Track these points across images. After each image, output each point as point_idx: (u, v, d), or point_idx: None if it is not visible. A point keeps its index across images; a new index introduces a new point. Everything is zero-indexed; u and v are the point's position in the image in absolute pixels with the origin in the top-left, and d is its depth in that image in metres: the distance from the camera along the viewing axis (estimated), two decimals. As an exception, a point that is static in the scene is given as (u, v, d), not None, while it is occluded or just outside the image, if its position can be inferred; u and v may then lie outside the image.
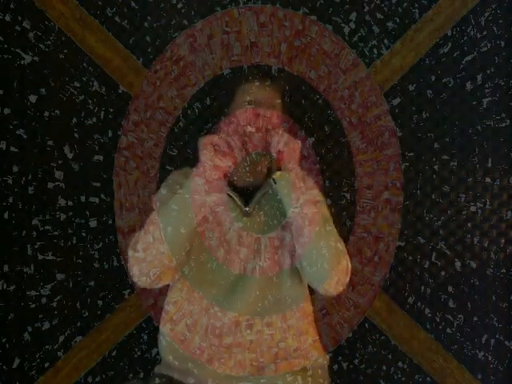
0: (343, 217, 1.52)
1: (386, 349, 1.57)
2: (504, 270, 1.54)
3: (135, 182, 1.51)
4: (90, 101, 1.50)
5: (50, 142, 1.50)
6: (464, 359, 1.56)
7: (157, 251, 1.00)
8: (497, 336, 1.55)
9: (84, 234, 1.52)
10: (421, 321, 1.56)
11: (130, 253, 1.03)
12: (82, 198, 1.51)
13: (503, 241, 1.54)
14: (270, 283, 1.09)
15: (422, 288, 1.55)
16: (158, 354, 1.48)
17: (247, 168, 1.09)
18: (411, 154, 1.53)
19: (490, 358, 1.56)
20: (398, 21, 1.50)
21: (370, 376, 1.57)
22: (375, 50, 1.51)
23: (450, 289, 1.55)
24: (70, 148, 1.50)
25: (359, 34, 1.50)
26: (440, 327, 1.56)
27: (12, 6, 1.46)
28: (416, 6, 1.49)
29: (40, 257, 1.51)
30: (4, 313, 1.51)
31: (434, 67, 1.51)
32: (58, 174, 1.50)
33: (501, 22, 1.49)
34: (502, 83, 1.50)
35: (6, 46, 1.47)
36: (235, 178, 1.12)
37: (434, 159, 1.53)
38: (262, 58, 1.50)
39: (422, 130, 1.52)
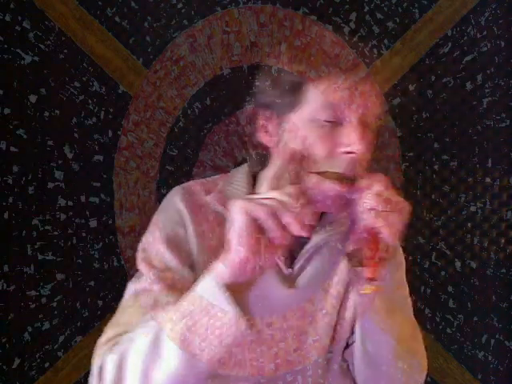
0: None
1: (386, 349, 1.57)
2: (504, 270, 1.54)
3: (135, 182, 1.51)
4: (89, 101, 1.50)
5: (50, 142, 1.50)
6: (464, 359, 1.56)
7: None
8: (497, 336, 1.55)
9: (84, 234, 1.52)
10: (421, 321, 1.55)
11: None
12: (82, 198, 1.51)
13: (503, 241, 1.54)
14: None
15: (422, 288, 1.55)
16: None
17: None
18: (411, 154, 1.53)
19: (490, 358, 1.55)
20: (397, 21, 1.50)
21: (370, 376, 1.57)
22: (375, 50, 1.51)
23: (449, 289, 1.55)
24: (70, 148, 1.50)
25: (359, 34, 1.50)
26: (440, 327, 1.56)
27: (12, 6, 1.46)
28: (416, 5, 1.49)
29: (40, 257, 1.51)
30: (4, 313, 1.51)
31: (433, 67, 1.51)
32: (58, 174, 1.50)
33: (501, 22, 1.49)
34: (502, 83, 1.50)
35: (6, 46, 1.46)
36: None
37: (434, 159, 1.53)
38: (262, 58, 1.49)
39: (421, 130, 1.52)
